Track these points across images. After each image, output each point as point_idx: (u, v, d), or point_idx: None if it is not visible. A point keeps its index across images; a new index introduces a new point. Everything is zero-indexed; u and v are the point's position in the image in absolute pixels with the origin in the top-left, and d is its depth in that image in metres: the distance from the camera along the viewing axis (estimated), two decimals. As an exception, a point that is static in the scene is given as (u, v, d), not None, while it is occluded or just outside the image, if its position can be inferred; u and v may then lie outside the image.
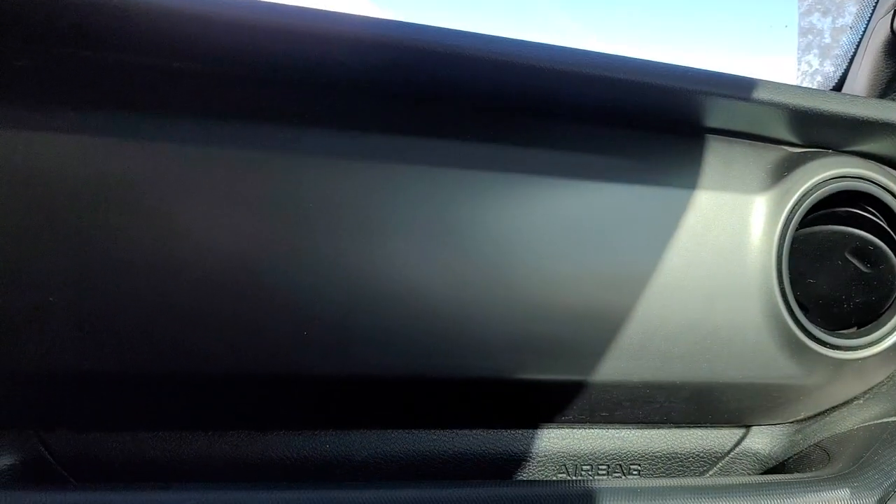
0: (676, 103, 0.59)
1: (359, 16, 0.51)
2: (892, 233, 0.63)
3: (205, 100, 0.54)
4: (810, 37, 0.87)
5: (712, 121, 0.62)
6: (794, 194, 0.61)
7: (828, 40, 0.87)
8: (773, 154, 0.64)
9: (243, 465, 0.61)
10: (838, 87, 0.83)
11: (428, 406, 0.63)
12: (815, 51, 0.88)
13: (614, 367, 0.60)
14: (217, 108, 0.54)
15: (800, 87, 0.61)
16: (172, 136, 0.53)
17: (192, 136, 0.53)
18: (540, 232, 0.58)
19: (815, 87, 0.90)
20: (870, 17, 0.76)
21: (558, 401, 0.63)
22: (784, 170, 0.63)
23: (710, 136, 0.63)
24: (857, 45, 0.78)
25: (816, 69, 0.88)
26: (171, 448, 0.60)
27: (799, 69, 0.91)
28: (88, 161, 0.51)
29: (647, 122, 0.62)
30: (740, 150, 0.64)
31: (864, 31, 0.77)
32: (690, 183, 0.61)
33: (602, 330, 0.59)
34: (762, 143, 0.65)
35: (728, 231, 0.61)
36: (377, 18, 0.52)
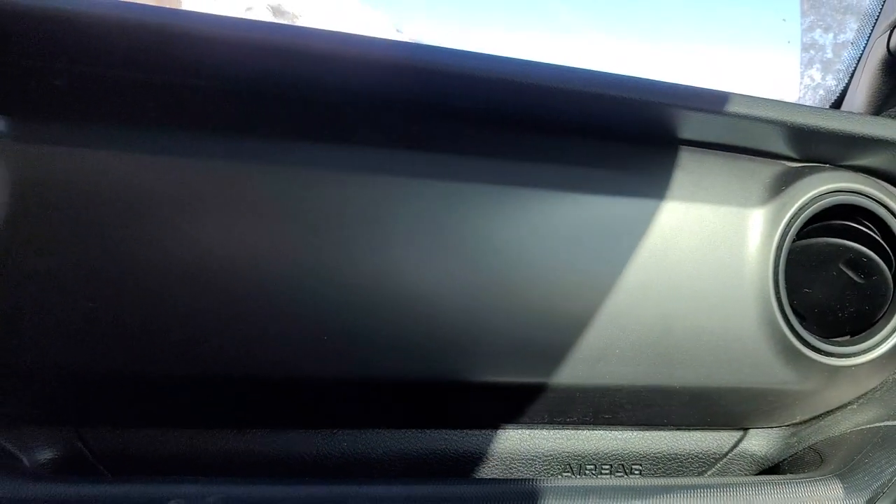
0: (682, 121, 0.61)
1: (369, 37, 0.54)
2: (885, 245, 0.65)
3: (226, 116, 0.57)
4: (812, 52, 0.89)
5: (715, 137, 0.64)
6: (791, 207, 0.63)
7: (829, 55, 0.89)
8: (772, 168, 0.66)
9: (266, 460, 0.64)
10: (839, 100, 0.84)
11: (438, 407, 0.65)
12: (818, 65, 0.90)
13: (617, 372, 0.62)
14: (238, 125, 0.57)
15: (799, 105, 0.62)
16: (194, 150, 0.56)
17: (213, 150, 0.56)
18: (544, 242, 0.60)
19: (817, 101, 0.92)
20: (869, 35, 0.77)
21: (563, 403, 0.65)
22: (782, 184, 0.65)
23: (712, 152, 0.65)
24: (858, 61, 0.80)
25: (819, 83, 0.90)
26: (199, 444, 0.63)
27: (801, 83, 0.93)
28: (115, 173, 0.54)
29: (653, 137, 0.64)
30: (740, 164, 0.66)
31: (864, 48, 0.78)
32: (693, 196, 0.63)
33: (604, 336, 0.61)
34: (761, 158, 0.67)
35: (728, 242, 0.63)
36: (387, 40, 0.54)
